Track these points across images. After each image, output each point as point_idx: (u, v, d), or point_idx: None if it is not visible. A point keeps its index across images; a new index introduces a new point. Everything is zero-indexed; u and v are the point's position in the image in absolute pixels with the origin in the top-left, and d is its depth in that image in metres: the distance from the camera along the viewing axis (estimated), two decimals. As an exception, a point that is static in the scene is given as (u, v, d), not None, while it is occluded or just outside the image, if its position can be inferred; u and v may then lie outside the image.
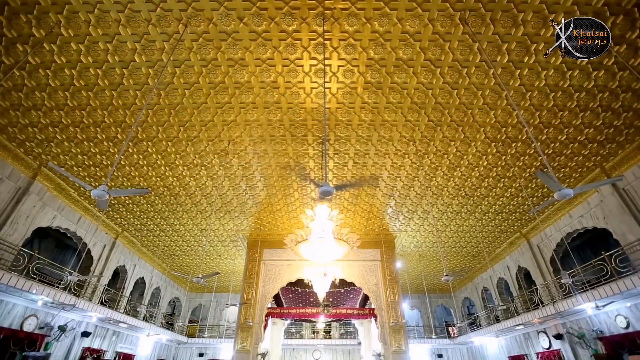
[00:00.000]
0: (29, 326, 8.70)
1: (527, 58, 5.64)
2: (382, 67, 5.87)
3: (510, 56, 5.62)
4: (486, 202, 10.07)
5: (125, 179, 8.98)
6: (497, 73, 5.86)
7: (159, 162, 8.34)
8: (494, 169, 8.56)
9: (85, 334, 10.55)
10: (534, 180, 8.92)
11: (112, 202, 10.09)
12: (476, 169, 8.56)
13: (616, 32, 5.17)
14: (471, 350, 17.14)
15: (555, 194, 3.96)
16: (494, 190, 9.43)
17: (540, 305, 10.83)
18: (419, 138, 7.55)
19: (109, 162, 8.32)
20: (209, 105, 6.67)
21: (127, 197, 9.92)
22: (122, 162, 8.34)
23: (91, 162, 8.35)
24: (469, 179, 8.99)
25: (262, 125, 7.19)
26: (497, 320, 13.60)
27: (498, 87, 6.22)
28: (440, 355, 17.43)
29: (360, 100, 6.58)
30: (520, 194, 9.55)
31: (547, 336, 11.06)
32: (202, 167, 8.57)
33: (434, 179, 9.01)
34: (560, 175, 8.66)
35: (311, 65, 5.88)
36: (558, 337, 10.38)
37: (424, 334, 18.72)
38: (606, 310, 8.84)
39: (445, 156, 8.14)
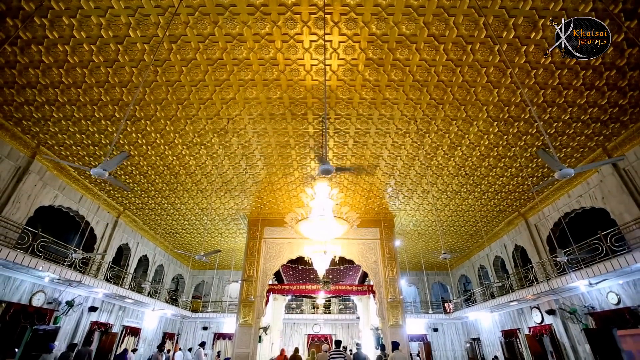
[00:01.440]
0: (38, 301, 8.96)
1: (534, 34, 5.47)
2: (384, 43, 5.71)
3: (516, 32, 5.45)
4: (486, 182, 10.09)
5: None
6: (503, 50, 5.70)
7: (158, 141, 8.28)
8: (495, 149, 8.51)
9: (93, 309, 10.89)
10: (535, 160, 8.90)
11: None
12: (477, 148, 8.51)
13: (628, 6, 4.98)
14: (466, 325, 17.75)
15: (555, 174, 3.95)
16: (494, 169, 9.42)
17: (535, 283, 11.10)
18: (420, 117, 7.46)
19: (107, 141, 8.26)
20: (207, 82, 6.54)
21: (127, 177, 9.92)
22: (121, 141, 8.28)
23: (90, 141, 8.29)
24: (469, 159, 8.96)
25: (261, 103, 7.09)
26: (492, 296, 13.99)
27: (503, 65, 6.07)
28: (435, 330, 18.08)
29: (361, 78, 6.44)
30: (521, 174, 9.55)
31: (540, 311, 11.41)
32: (202, 146, 8.53)
33: (435, 158, 8.98)
34: (562, 155, 8.62)
35: (311, 41, 5.71)
36: (550, 312, 10.71)
37: (421, 309, 19.31)
38: (599, 288, 9.08)
39: (447, 135, 8.07)
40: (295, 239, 11.49)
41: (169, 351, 15.34)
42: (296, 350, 9.26)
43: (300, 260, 11.94)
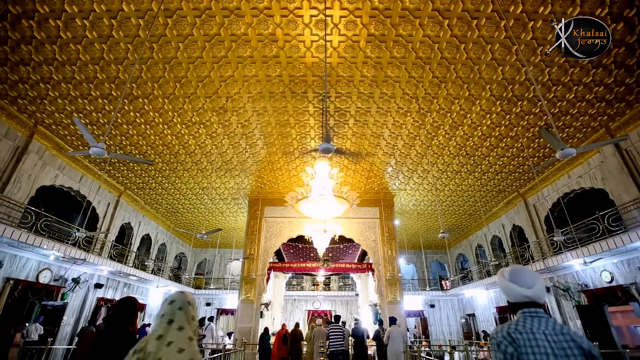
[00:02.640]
0: (45, 278, 9.18)
1: (542, 8, 5.27)
2: (386, 18, 5.52)
3: (524, 6, 5.26)
4: (486, 162, 10.06)
5: (123, 138, 8.89)
6: (509, 25, 5.52)
7: (156, 120, 8.19)
8: (497, 128, 8.43)
9: (98, 286, 11.17)
10: (537, 140, 8.83)
11: (113, 160, 10.09)
12: (479, 128, 8.43)
13: (641, -21, 4.78)
14: (461, 302, 18.26)
15: (557, 153, 3.93)
16: (496, 150, 9.38)
17: (531, 261, 11.31)
18: (422, 95, 7.34)
19: (105, 120, 8.17)
20: (204, 59, 6.38)
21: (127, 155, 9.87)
22: (119, 120, 8.19)
23: (87, 120, 8.20)
24: (470, 138, 8.90)
25: (260, 81, 6.95)
26: (489, 274, 14.30)
27: (509, 41, 5.90)
28: (432, 306, 18.62)
29: (363, 55, 6.28)
30: (522, 154, 9.51)
31: (535, 289, 11.69)
32: (201, 125, 8.44)
33: (436, 137, 8.91)
34: (564, 135, 8.55)
35: (311, 16, 5.52)
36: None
37: (419, 286, 19.79)
38: (593, 266, 9.26)
39: (448, 115, 7.97)
40: (295, 218, 11.61)
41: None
42: (297, 325, 9.57)
43: (300, 238, 12.13)
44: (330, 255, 13.30)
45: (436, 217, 14.43)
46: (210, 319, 14.03)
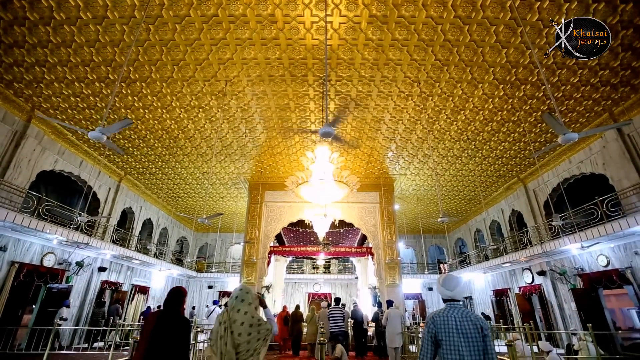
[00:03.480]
0: (49, 262, 9.31)
1: (549, -13, 5.11)
2: (389, -2, 5.36)
3: (531, -15, 5.09)
4: (487, 147, 10.01)
5: (122, 122, 8.81)
6: (515, 6, 5.37)
7: (155, 104, 8.10)
8: (499, 113, 8.34)
9: (102, 269, 11.34)
10: (539, 125, 8.75)
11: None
12: (481, 112, 8.34)
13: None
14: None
15: (559, 138, 3.91)
16: (497, 134, 9.31)
17: (529, 246, 11.44)
18: (424, 79, 7.22)
19: (103, 105, 8.08)
20: (202, 41, 6.24)
21: (127, 141, 9.84)
22: (117, 105, 8.10)
23: (85, 105, 8.11)
24: (472, 123, 8.82)
25: (260, 64, 6.82)
26: (487, 258, 14.49)
27: (514, 23, 5.75)
28: (430, 289, 18.96)
29: (364, 37, 6.14)
30: (523, 139, 9.45)
31: (531, 272, 11.89)
32: (200, 109, 8.35)
33: (437, 122, 8.84)
34: (567, 120, 8.47)
35: (311, -4, 5.36)
36: (541, 273, 11.15)
37: (417, 270, 20.10)
38: (590, 251, 9.36)
39: (450, 99, 7.87)
40: (295, 202, 11.66)
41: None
42: (297, 307, 9.78)
43: (300, 223, 12.23)
44: (330, 239, 13.44)
45: (436, 201, 14.49)
46: (215, 302, 14.34)
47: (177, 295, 2.67)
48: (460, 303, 2.22)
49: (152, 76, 7.14)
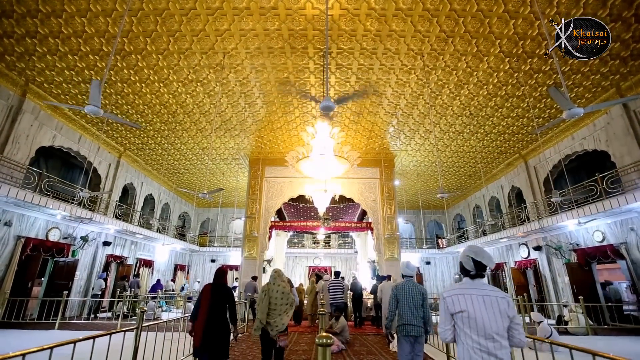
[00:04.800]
0: (54, 237, 9.48)
1: (563, -48, 4.83)
2: (393, -37, 5.08)
3: (544, -51, 4.81)
4: (490, 123, 9.88)
5: (118, 96, 8.65)
6: (526, -28, 5.09)
7: (151, 77, 7.91)
8: (504, 87, 8.16)
9: (106, 243, 11.57)
10: (543, 100, 8.59)
11: (110, 120, 9.92)
12: (485, 87, 8.16)
13: None
14: (457, 259, 19.01)
15: (564, 113, 3.84)
16: (500, 110, 9.16)
17: (527, 222, 11.58)
18: (427, 51, 7.00)
19: (98, 78, 7.87)
20: (198, 11, 5.99)
21: (125, 116, 9.71)
22: (113, 78, 7.91)
23: (80, 78, 7.92)
24: (475, 98, 8.65)
25: (258, 35, 6.59)
26: (484, 234, 14.72)
27: (524, -9, 5.49)
28: (428, 263, 19.43)
29: (367, 6, 5.88)
30: (527, 115, 9.31)
31: (527, 248, 12.12)
32: (198, 83, 8.17)
33: (440, 97, 8.67)
34: (572, 95, 8.29)
35: (312, -39, 5.08)
36: (537, 248, 11.38)
37: (416, 245, 20.49)
38: (586, 227, 9.49)
39: (454, 72, 7.67)
40: (296, 177, 11.69)
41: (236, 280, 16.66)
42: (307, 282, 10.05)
43: (301, 198, 12.31)
44: (330, 214, 13.59)
45: (436, 177, 14.51)
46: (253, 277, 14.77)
47: (222, 273, 3.84)
48: (412, 278, 3.59)
49: (147, 48, 6.92)
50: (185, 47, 6.91)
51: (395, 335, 4.69)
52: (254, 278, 10.22)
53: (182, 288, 15.47)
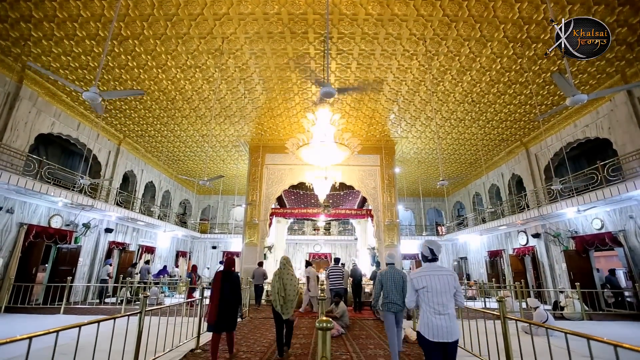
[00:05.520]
0: (56, 223, 9.55)
1: None
2: (396, -57, 4.92)
3: None
4: (492, 110, 9.79)
5: (116, 83, 8.55)
6: (533, -47, 4.94)
7: (149, 63, 7.79)
8: (507, 74, 8.04)
9: (108, 230, 11.67)
10: (547, 87, 8.48)
11: (108, 107, 9.83)
12: (488, 73, 8.04)
13: None
14: (455, 246, 19.20)
15: (567, 100, 3.80)
16: (503, 97, 9.05)
17: (526, 209, 11.63)
18: (430, 36, 6.86)
19: (96, 64, 7.78)
20: (195, -6, 5.85)
21: (123, 103, 9.63)
22: (110, 64, 7.80)
23: (77, 64, 7.81)
24: (478, 84, 8.54)
25: (257, 19, 6.45)
26: (484, 221, 14.80)
27: (530, -27, 5.33)
28: (427, 249, 19.59)
29: (369, -11, 5.73)
30: (530, 102, 9.21)
31: (526, 235, 12.21)
32: (197, 69, 8.06)
33: (442, 83, 8.56)
34: (576, 82, 8.18)
35: (312, -59, 4.92)
36: (535, 236, 11.46)
37: (415, 232, 20.64)
38: (585, 214, 9.53)
39: (457, 58, 7.54)
40: (296, 165, 11.68)
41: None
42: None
43: (301, 185, 12.32)
44: (330, 201, 13.64)
45: (436, 165, 14.49)
46: (221, 262, 15.01)
47: (231, 261, 4.64)
48: (394, 265, 4.33)
49: (144, 33, 6.79)
50: (183, 32, 6.78)
51: (380, 311, 5.60)
52: (260, 264, 10.37)
53: (189, 275, 15.82)
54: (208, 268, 18.50)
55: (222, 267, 4.58)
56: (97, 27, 6.63)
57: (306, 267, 9.56)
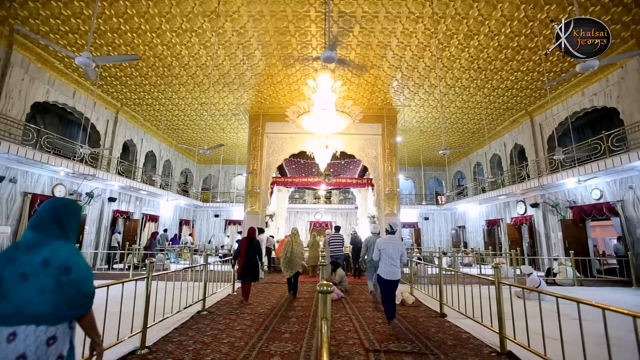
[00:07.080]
0: (59, 193, 9.64)
1: None
2: None
3: None
4: (498, 77, 9.50)
5: (110, 48, 8.24)
6: None
7: (143, 27, 7.46)
8: (516, 39, 7.70)
9: (112, 199, 11.81)
10: (557, 53, 8.15)
11: (103, 74, 9.56)
12: (496, 37, 7.70)
13: None
14: (454, 215, 19.49)
15: (578, 66, 3.67)
16: (511, 63, 8.74)
17: (527, 179, 11.65)
18: (438, -2, 6.49)
19: (87, 28, 7.45)
20: (188, -51, 5.46)
21: (118, 70, 9.34)
22: (102, 28, 7.47)
23: (67, 28, 7.48)
24: (485, 50, 8.21)
25: (254, -22, 6.07)
26: (484, 191, 14.90)
27: None
28: (426, 218, 19.94)
29: (374, -56, 5.34)
30: (537, 69, 8.90)
31: (525, 204, 12.34)
32: (193, 33, 7.73)
33: (447, 48, 8.23)
34: (588, 46, 7.84)
35: None
36: (534, 205, 11.58)
37: (415, 201, 20.87)
38: (585, 185, 9.56)
39: (464, 21, 7.19)
40: (297, 133, 11.58)
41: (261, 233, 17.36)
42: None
43: (302, 154, 12.28)
44: (331, 170, 13.65)
45: (439, 134, 14.32)
46: (239, 232, 15.50)
47: (253, 230, 6.02)
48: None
49: (135, -7, 6.43)
50: (177, -8, 6.42)
51: (364, 267, 7.18)
52: (261, 230, 10.58)
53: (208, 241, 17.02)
54: (228, 236, 19.45)
55: (238, 237, 5.08)
56: (85, -13, 6.27)
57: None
